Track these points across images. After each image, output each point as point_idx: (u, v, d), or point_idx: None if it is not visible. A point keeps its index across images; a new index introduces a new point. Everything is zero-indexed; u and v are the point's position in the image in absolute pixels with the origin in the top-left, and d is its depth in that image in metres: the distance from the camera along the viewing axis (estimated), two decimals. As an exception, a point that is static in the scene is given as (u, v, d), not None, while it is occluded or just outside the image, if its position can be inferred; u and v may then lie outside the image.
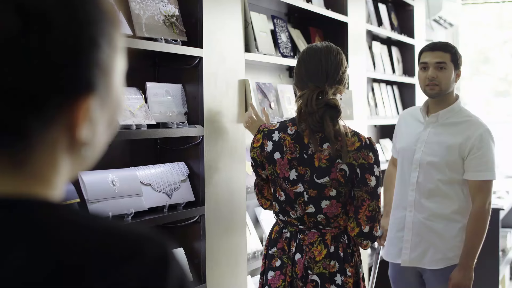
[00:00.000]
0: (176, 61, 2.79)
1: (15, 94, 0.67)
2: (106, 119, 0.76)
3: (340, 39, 4.19)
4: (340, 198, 2.33)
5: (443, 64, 3.08)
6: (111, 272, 0.65)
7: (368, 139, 2.35)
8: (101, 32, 0.72)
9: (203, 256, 2.79)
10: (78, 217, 0.70)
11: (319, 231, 2.37)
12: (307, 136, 2.34)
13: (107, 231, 0.69)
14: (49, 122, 0.70)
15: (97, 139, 0.76)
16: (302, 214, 2.37)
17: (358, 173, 2.31)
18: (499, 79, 8.34)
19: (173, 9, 2.73)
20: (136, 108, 2.52)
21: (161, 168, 2.71)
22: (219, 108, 2.89)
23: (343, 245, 2.37)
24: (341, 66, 2.37)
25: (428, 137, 3.14)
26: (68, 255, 0.65)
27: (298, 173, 2.35)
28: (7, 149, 0.69)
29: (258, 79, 3.56)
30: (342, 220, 2.37)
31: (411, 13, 5.58)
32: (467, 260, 3.03)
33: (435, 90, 3.09)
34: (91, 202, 2.31)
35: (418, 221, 3.15)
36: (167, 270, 0.68)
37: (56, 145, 0.72)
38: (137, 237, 0.70)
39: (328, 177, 2.31)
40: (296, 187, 2.36)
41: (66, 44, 0.69)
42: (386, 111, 5.18)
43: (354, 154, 2.30)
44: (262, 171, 2.45)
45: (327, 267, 2.34)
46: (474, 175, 3.04)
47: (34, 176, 0.71)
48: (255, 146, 2.44)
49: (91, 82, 0.72)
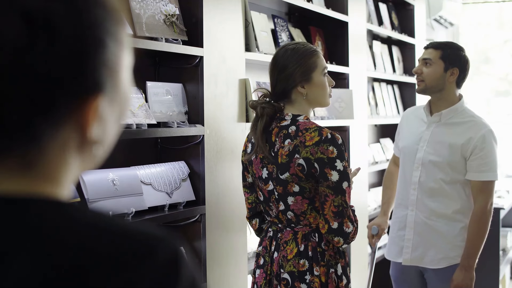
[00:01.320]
0: (177, 61, 2.79)
1: (25, 97, 0.68)
2: (115, 116, 0.77)
3: (341, 39, 4.20)
4: (304, 194, 2.31)
5: (428, 60, 3.14)
6: (123, 273, 0.65)
7: (330, 134, 2.28)
8: (107, 31, 0.73)
9: (203, 255, 2.79)
10: (89, 217, 0.71)
11: (292, 230, 2.38)
12: (274, 134, 2.36)
13: (119, 231, 0.69)
14: (59, 124, 0.71)
15: (106, 137, 0.77)
16: (277, 213, 2.39)
17: (316, 167, 2.26)
18: (500, 79, 8.33)
19: (173, 9, 2.73)
20: (136, 107, 2.52)
21: (161, 167, 2.72)
22: (219, 107, 2.88)
23: (312, 243, 2.34)
24: (290, 66, 2.38)
25: (431, 137, 3.14)
26: (79, 255, 0.65)
27: (268, 171, 2.37)
28: (18, 151, 0.70)
29: (258, 78, 3.56)
30: (312, 217, 2.34)
31: (412, 12, 5.58)
32: (468, 261, 3.03)
33: (421, 86, 3.17)
34: (91, 201, 2.31)
35: (420, 220, 3.15)
36: (180, 271, 0.68)
37: (67, 145, 0.73)
38: (149, 237, 0.70)
39: (288, 172, 2.30)
40: (268, 185, 2.38)
41: (73, 48, 0.70)
42: (386, 111, 5.18)
43: (312, 148, 2.26)
44: (247, 174, 2.51)
45: (296, 265, 2.33)
46: (476, 176, 3.04)
47: (44, 176, 0.72)
48: (243, 150, 2.51)
49: (99, 83, 0.72)
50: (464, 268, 3.03)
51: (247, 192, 2.54)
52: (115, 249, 0.67)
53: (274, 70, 2.38)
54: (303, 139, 2.29)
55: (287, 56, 2.36)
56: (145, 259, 0.67)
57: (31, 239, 0.65)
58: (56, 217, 0.68)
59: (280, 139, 2.34)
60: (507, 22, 8.23)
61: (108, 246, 0.67)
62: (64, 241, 0.66)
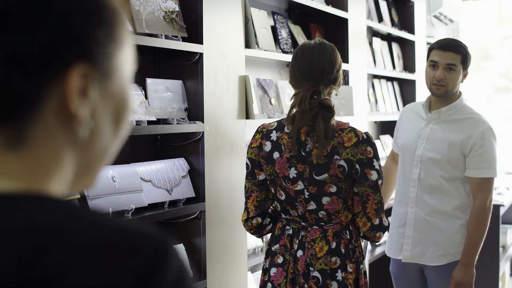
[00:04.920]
0: (177, 57, 2.79)
1: (12, 59, 0.66)
2: (111, 110, 0.75)
3: (341, 35, 4.19)
4: (340, 194, 2.33)
5: (453, 66, 3.05)
6: (110, 269, 0.64)
7: (365, 134, 2.35)
8: (99, 15, 0.72)
9: (203, 252, 2.79)
10: (77, 214, 0.69)
11: (321, 228, 2.37)
12: (304, 133, 2.34)
13: (106, 228, 0.68)
14: (44, 92, 0.69)
15: (100, 130, 0.74)
16: (303, 212, 2.37)
17: (357, 169, 2.31)
18: (500, 75, 8.33)
19: (173, 5, 2.73)
20: (136, 104, 2.52)
21: (161, 164, 2.71)
22: (219, 104, 2.88)
23: (345, 241, 2.37)
24: (335, 64, 2.36)
25: (430, 134, 3.13)
26: (66, 254, 0.64)
27: (297, 171, 2.34)
28: (5, 122, 0.68)
29: (258, 75, 3.56)
30: (344, 216, 2.37)
31: (412, 9, 5.58)
32: (468, 258, 3.04)
33: (441, 91, 3.08)
34: (91, 198, 2.31)
35: (420, 217, 3.15)
36: (165, 267, 0.67)
37: (54, 122, 0.70)
38: (136, 234, 0.68)
39: (327, 173, 2.31)
40: (296, 185, 2.35)
41: (65, 11, 0.69)
42: (386, 107, 5.17)
43: (352, 149, 2.30)
44: (259, 171, 2.41)
45: (328, 263, 2.34)
46: (475, 173, 3.04)
47: (34, 162, 0.70)
48: (253, 146, 2.41)
49: (86, 50, 0.71)
50: (465, 265, 3.04)
51: (257, 190, 2.43)
52: (101, 245, 0.66)
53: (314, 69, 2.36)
54: (340, 140, 2.31)
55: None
56: (130, 254, 0.66)
57: (15, 237, 0.64)
58: (43, 215, 0.66)
59: (312, 139, 2.32)
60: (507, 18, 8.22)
61: (94, 243, 0.65)
62: (49, 240, 0.64)
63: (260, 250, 3.33)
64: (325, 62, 2.34)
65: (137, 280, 0.65)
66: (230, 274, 2.98)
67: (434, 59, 3.09)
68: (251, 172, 2.43)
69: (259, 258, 3.26)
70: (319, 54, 2.35)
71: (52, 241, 0.64)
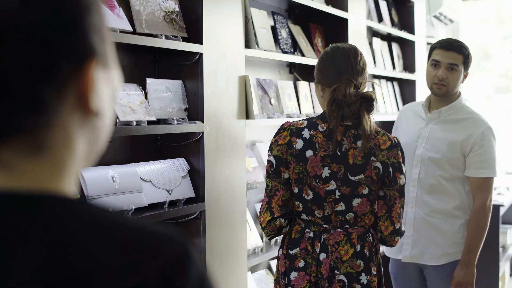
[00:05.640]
0: (177, 57, 2.79)
1: (27, 64, 0.66)
2: (109, 91, 0.76)
3: (341, 35, 4.19)
4: (370, 196, 2.34)
5: (455, 66, 3.06)
6: (131, 272, 0.65)
7: (396, 139, 2.40)
8: (95, 7, 0.73)
9: (203, 252, 2.79)
10: (96, 215, 0.69)
11: (345, 231, 2.35)
12: (340, 133, 2.33)
13: (127, 230, 0.68)
14: (63, 92, 0.69)
15: (105, 113, 0.75)
16: (330, 213, 2.34)
17: (390, 172, 2.34)
18: (500, 75, 8.33)
19: (173, 5, 2.73)
20: (136, 104, 2.52)
21: (161, 164, 2.71)
22: (219, 104, 2.88)
23: (368, 244, 2.37)
24: (365, 67, 2.40)
25: (430, 133, 3.14)
26: (87, 256, 0.64)
27: (331, 171, 2.32)
28: (29, 128, 0.68)
29: (258, 75, 3.56)
30: (368, 219, 2.38)
31: (412, 9, 5.58)
32: (469, 257, 3.04)
33: (442, 90, 3.09)
34: (91, 198, 2.31)
35: (420, 217, 3.15)
36: (187, 270, 0.67)
37: (71, 121, 0.71)
38: (157, 236, 0.69)
39: (363, 174, 2.32)
40: (328, 185, 2.32)
41: (66, 11, 0.69)
42: (386, 108, 5.17)
43: (387, 152, 2.34)
44: (285, 169, 2.35)
45: (354, 266, 2.33)
46: (475, 172, 3.04)
47: (53, 164, 0.70)
48: (281, 144, 2.34)
49: (93, 46, 0.72)
50: (465, 264, 3.04)
51: (282, 189, 2.36)
52: (123, 248, 0.66)
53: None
54: (377, 142, 2.34)
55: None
56: (152, 257, 0.66)
57: (40, 240, 0.64)
58: (62, 218, 0.66)
59: (348, 139, 2.33)
60: (507, 18, 8.22)
61: (116, 245, 0.66)
62: (70, 243, 0.64)
63: (260, 250, 3.33)
64: (358, 63, 2.37)
65: (160, 282, 0.65)
66: (230, 274, 2.98)
67: (436, 58, 3.09)
68: (276, 170, 2.35)
69: (259, 258, 3.26)
70: (353, 55, 2.38)
71: (81, 241, 0.65)
